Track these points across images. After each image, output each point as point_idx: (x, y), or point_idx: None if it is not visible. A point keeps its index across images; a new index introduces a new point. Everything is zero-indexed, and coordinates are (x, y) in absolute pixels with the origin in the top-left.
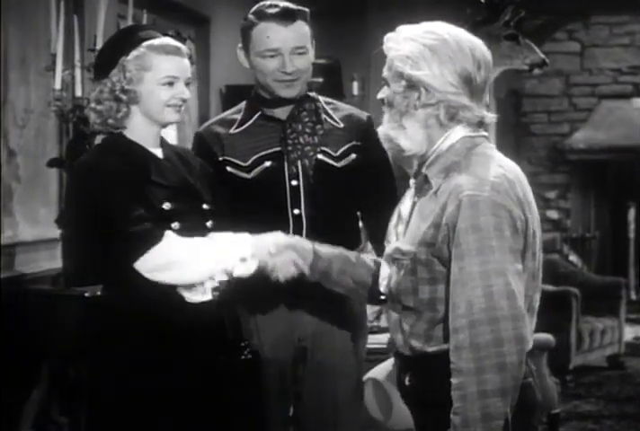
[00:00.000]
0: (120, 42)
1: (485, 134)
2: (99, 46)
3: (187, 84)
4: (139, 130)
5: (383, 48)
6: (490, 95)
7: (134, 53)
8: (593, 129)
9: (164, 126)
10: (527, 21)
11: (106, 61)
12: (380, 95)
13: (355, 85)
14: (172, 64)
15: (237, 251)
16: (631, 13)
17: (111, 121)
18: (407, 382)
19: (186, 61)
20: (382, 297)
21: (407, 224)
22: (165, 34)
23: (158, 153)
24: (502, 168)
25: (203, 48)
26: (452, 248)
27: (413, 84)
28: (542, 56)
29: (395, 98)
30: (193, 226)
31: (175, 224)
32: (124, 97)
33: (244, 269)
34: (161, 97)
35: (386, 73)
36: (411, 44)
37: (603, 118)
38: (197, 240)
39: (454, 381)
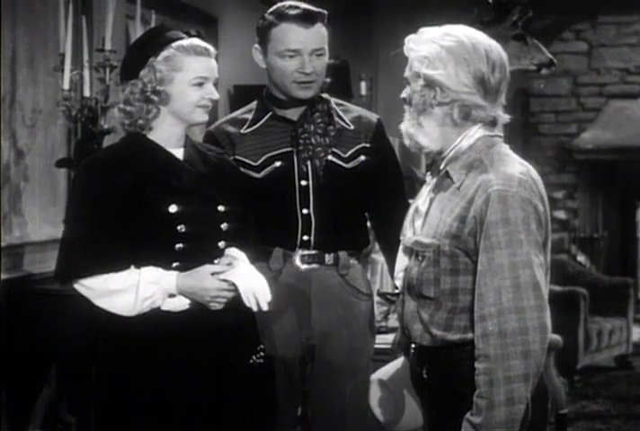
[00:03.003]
0: (148, 43)
1: (501, 134)
2: (107, 46)
3: (215, 85)
4: (164, 131)
5: (403, 48)
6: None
7: (163, 54)
8: (601, 129)
9: (192, 126)
10: (534, 21)
11: (134, 62)
12: (402, 94)
13: (363, 85)
14: (202, 64)
15: (165, 288)
16: (639, 13)
17: (140, 122)
18: (425, 375)
19: (214, 62)
20: (396, 290)
21: (425, 218)
22: (187, 33)
23: (179, 153)
24: (525, 166)
25: None
26: (480, 240)
27: (429, 84)
28: (550, 56)
29: (413, 96)
30: (205, 229)
31: (181, 227)
32: (155, 98)
33: (175, 305)
34: (191, 98)
35: (407, 73)
36: (430, 45)
37: (611, 118)
38: (134, 274)
39: (480, 366)
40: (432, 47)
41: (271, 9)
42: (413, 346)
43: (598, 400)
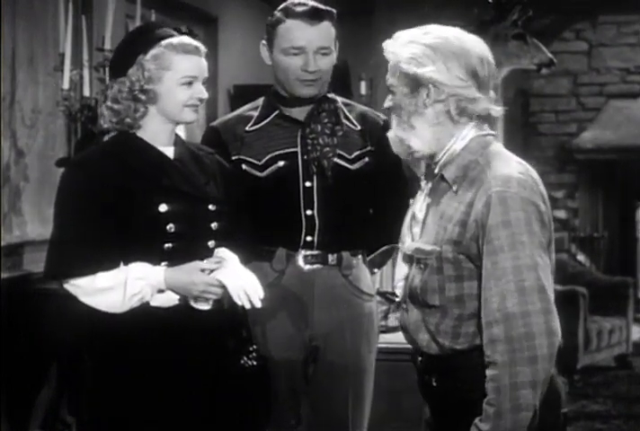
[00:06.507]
0: (137, 40)
1: (493, 132)
2: (107, 46)
3: (203, 84)
4: (153, 129)
5: (384, 55)
6: (498, 95)
7: (153, 52)
8: (601, 129)
9: (182, 125)
10: (534, 20)
11: (123, 59)
12: (386, 104)
13: (363, 85)
14: (191, 63)
15: (152, 284)
16: (639, 13)
17: (127, 121)
18: (434, 383)
19: (204, 60)
20: (397, 298)
21: (423, 225)
22: (178, 30)
23: (169, 151)
24: (523, 165)
25: (211, 47)
26: (483, 244)
27: (420, 83)
28: (550, 55)
29: (402, 100)
30: (194, 229)
31: (170, 227)
32: (143, 97)
33: (164, 300)
34: (180, 97)
35: (390, 80)
36: (412, 46)
37: (611, 118)
38: (121, 271)
39: (489, 372)
40: (415, 47)
41: (281, 6)
42: (420, 355)
43: (598, 399)
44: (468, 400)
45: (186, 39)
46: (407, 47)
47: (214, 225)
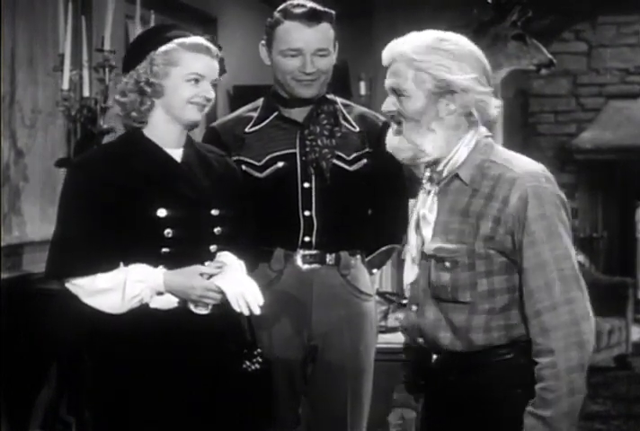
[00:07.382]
0: (151, 38)
1: (490, 134)
2: (107, 46)
3: (213, 85)
4: (160, 128)
5: (396, 64)
6: (497, 95)
7: (163, 48)
8: (601, 129)
9: (187, 125)
10: (534, 21)
11: (135, 55)
12: (390, 108)
13: (362, 85)
14: (200, 62)
15: (151, 286)
16: (639, 13)
17: (133, 114)
18: (455, 380)
19: (215, 62)
20: (404, 301)
21: (435, 225)
22: (194, 33)
23: (177, 154)
24: (536, 163)
25: None
26: (521, 237)
27: (447, 89)
28: (549, 56)
29: (421, 106)
30: (195, 233)
31: (168, 232)
32: (148, 90)
33: (163, 302)
34: (184, 93)
35: (404, 84)
36: (437, 52)
37: (610, 118)
38: (121, 273)
39: (543, 360)
40: (440, 53)
41: (280, 7)
42: (436, 353)
43: (597, 400)
44: (490, 396)
45: (199, 39)
46: (431, 53)
47: (217, 230)
